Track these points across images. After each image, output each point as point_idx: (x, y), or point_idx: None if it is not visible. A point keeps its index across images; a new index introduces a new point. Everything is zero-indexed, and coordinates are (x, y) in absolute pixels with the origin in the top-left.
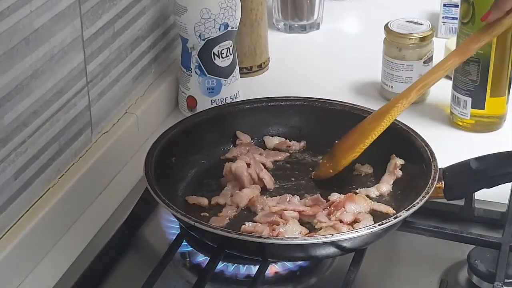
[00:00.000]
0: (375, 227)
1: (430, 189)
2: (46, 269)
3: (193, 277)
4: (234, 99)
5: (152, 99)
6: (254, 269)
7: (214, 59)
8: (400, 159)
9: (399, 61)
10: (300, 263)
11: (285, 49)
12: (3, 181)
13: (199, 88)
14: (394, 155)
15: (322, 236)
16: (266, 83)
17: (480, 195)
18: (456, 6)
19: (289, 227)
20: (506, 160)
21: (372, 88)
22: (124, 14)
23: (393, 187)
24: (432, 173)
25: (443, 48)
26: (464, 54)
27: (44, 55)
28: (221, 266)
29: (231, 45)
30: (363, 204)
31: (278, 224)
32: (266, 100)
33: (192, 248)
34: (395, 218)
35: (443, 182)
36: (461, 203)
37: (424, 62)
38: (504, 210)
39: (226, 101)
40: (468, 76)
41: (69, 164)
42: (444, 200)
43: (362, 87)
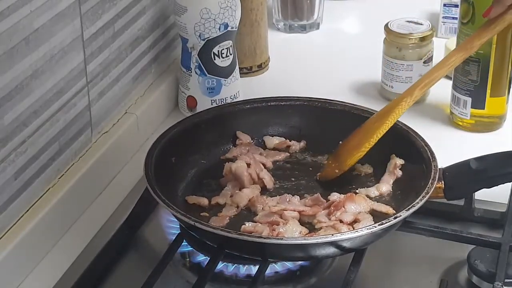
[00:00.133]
0: (375, 227)
1: (430, 189)
2: (46, 269)
3: (193, 277)
4: (234, 99)
5: (152, 99)
6: (254, 269)
7: (214, 59)
8: (400, 159)
9: (399, 61)
10: (300, 263)
11: (285, 49)
12: (3, 181)
13: (199, 88)
14: (394, 155)
15: (322, 236)
16: (266, 83)
17: (480, 195)
18: (456, 6)
19: (289, 227)
20: (506, 160)
21: (372, 88)
22: (124, 14)
23: (393, 187)
24: (432, 173)
25: (443, 48)
26: (467, 51)
27: (44, 55)
28: (221, 266)
29: (231, 45)
30: (363, 204)
31: (278, 224)
32: (266, 100)
33: (192, 248)
34: (395, 218)
35: (443, 182)
36: (461, 203)
37: (424, 62)
38: (504, 210)
39: (226, 101)
40: (468, 76)
41: (69, 164)
42: (444, 200)
43: (362, 87)
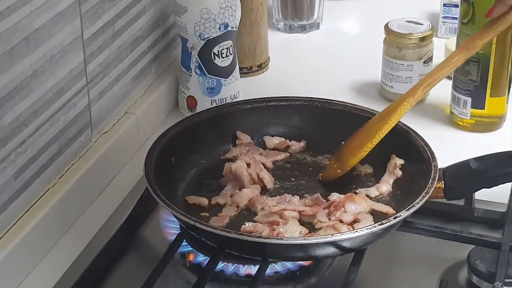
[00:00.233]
0: (375, 227)
1: (430, 189)
2: (46, 269)
3: (193, 277)
4: (234, 99)
5: (152, 99)
6: (254, 269)
7: (214, 59)
8: (400, 159)
9: (399, 61)
10: (300, 263)
11: (285, 49)
12: (3, 181)
13: (199, 88)
14: (394, 155)
15: (322, 236)
16: (266, 83)
17: (480, 195)
18: (456, 6)
19: (289, 227)
20: (506, 160)
21: (372, 88)
22: (124, 14)
23: (393, 187)
24: (432, 173)
25: (443, 48)
26: (469, 51)
27: (44, 55)
28: (221, 266)
29: (231, 45)
30: (363, 204)
31: (278, 224)
32: (266, 100)
33: (192, 248)
34: (395, 218)
35: (443, 182)
36: (461, 203)
37: (424, 62)
38: (504, 210)
39: (226, 101)
40: (468, 76)
41: (69, 164)
42: (444, 200)
43: (362, 87)
